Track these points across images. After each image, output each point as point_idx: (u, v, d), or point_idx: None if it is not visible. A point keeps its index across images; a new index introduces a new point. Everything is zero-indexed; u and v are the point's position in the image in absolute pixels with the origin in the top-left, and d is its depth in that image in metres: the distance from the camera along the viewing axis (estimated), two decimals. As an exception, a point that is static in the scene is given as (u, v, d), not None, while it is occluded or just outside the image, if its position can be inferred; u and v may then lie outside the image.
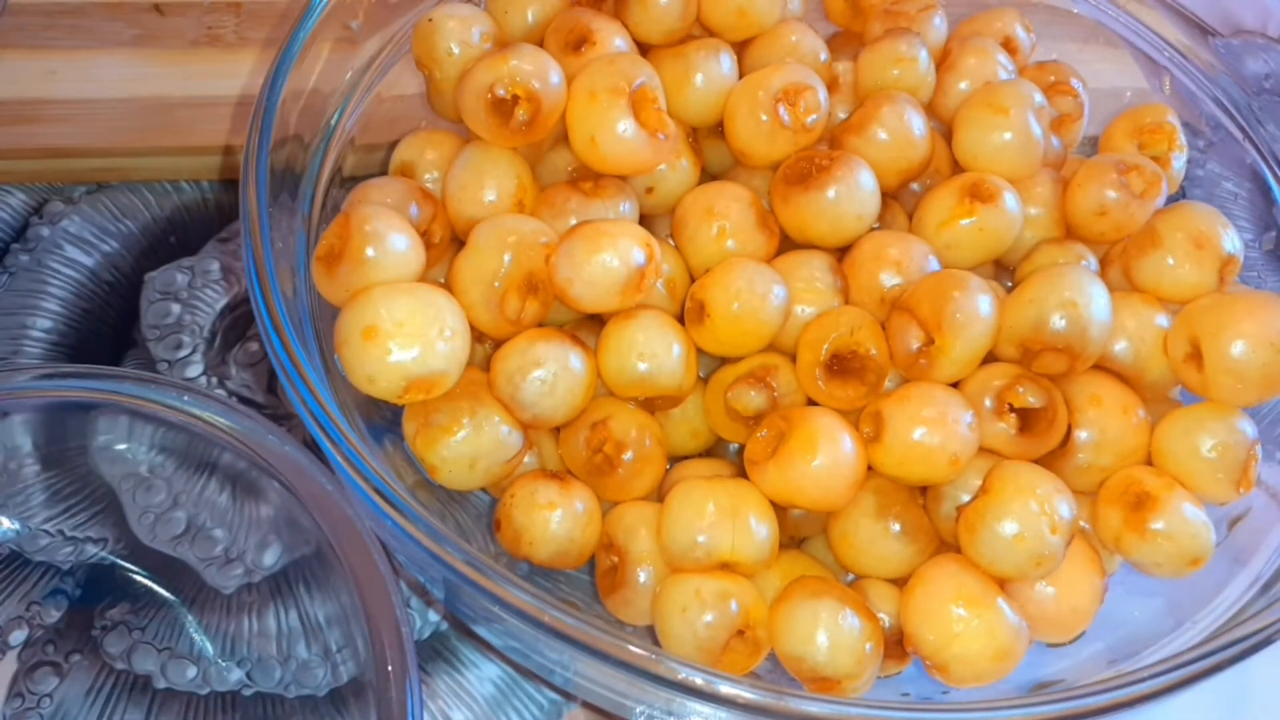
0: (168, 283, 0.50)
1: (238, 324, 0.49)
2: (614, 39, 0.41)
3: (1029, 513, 0.33)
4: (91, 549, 0.41)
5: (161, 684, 0.39)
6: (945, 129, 0.44)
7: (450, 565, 0.31)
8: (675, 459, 0.40)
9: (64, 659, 0.39)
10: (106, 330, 0.48)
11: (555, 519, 0.35)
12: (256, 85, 0.45)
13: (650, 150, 0.38)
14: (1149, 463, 0.37)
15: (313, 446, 0.35)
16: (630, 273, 0.36)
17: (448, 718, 0.40)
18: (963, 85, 0.43)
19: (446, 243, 0.40)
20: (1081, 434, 0.36)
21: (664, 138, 0.38)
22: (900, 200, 0.43)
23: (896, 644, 0.35)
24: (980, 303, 0.36)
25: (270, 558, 0.41)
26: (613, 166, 0.39)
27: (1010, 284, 0.42)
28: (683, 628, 0.34)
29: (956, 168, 0.42)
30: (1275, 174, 0.47)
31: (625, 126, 0.38)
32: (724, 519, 0.34)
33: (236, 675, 0.39)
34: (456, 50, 0.41)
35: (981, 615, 0.33)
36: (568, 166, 0.41)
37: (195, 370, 0.47)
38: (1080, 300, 0.35)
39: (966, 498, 0.35)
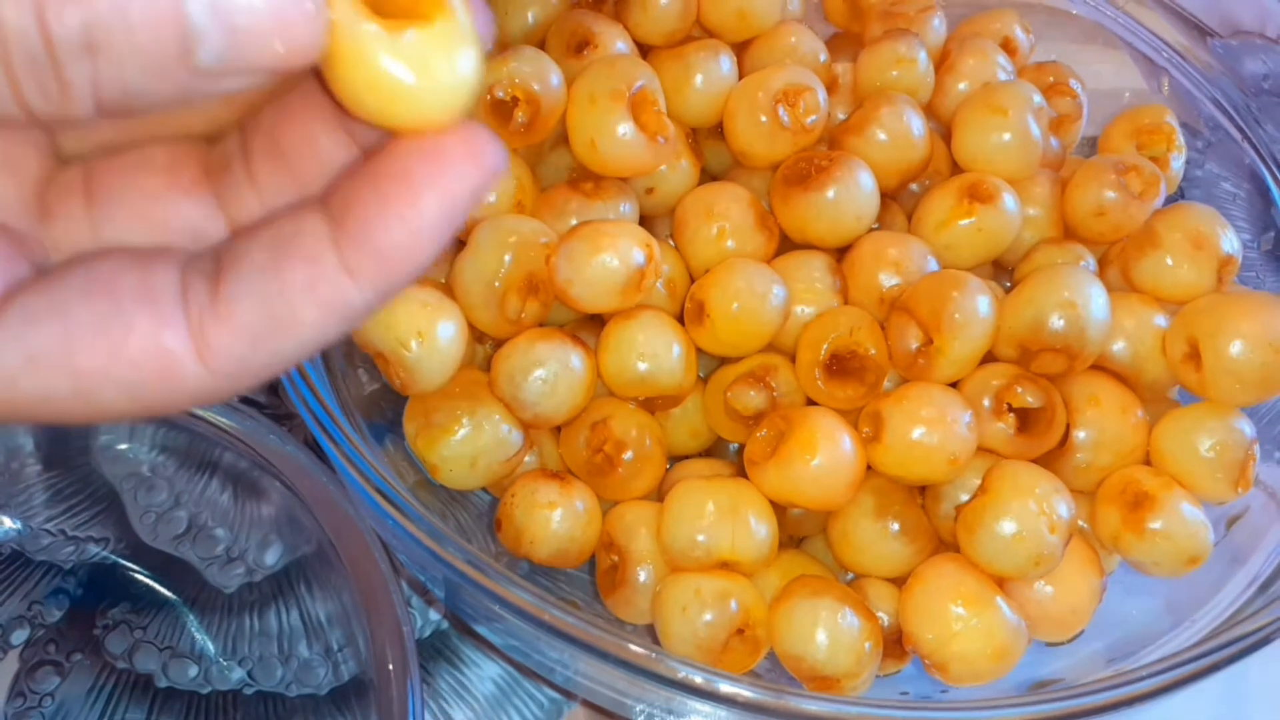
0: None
1: (239, 324, 0.49)
2: (615, 42, 0.41)
3: (1028, 512, 0.33)
4: (93, 548, 0.41)
5: (163, 683, 0.39)
6: (944, 130, 0.44)
7: (451, 564, 0.31)
8: (675, 459, 0.40)
9: (66, 658, 0.39)
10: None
11: (555, 518, 0.36)
12: (258, 86, 0.45)
13: (650, 153, 0.38)
14: (1147, 462, 0.37)
15: (313, 446, 0.35)
16: (630, 273, 0.36)
17: (448, 716, 0.40)
18: (962, 86, 0.44)
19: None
20: (1080, 434, 0.36)
21: (663, 140, 0.38)
22: (899, 201, 0.43)
23: (896, 643, 0.35)
24: (979, 303, 0.36)
25: (271, 557, 0.41)
26: (613, 169, 0.39)
27: (1009, 284, 0.42)
28: (683, 627, 0.34)
29: (955, 168, 0.42)
30: (1274, 174, 0.47)
31: (625, 130, 0.38)
32: (724, 519, 0.34)
33: (238, 674, 0.39)
34: (457, 51, 0.41)
35: (980, 614, 0.33)
36: (568, 167, 0.42)
37: (196, 370, 0.47)
38: (1079, 300, 0.35)
39: (965, 497, 0.36)
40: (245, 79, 0.17)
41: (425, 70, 0.17)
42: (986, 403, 0.36)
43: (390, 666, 0.33)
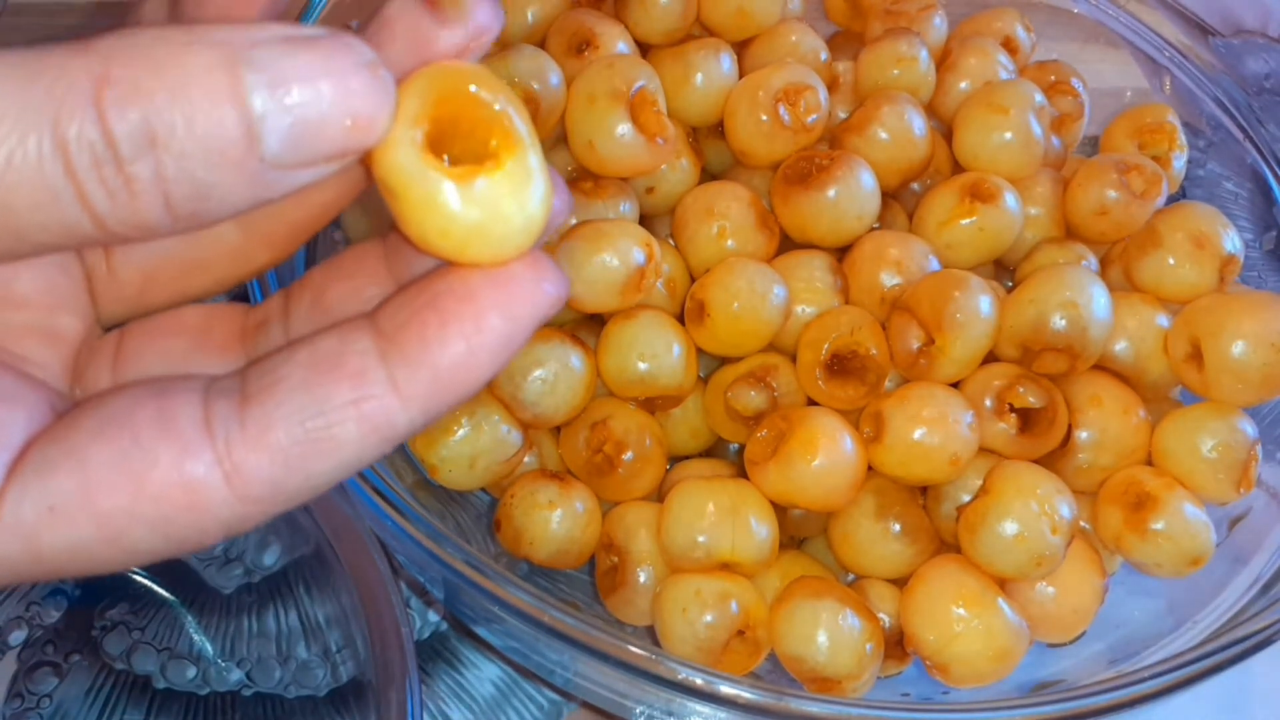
0: (167, 283, 0.49)
1: (237, 324, 0.49)
2: (616, 42, 0.41)
3: (1029, 513, 0.33)
4: (91, 549, 0.41)
5: (161, 684, 0.39)
6: (945, 129, 0.44)
7: (450, 565, 0.31)
8: (675, 459, 0.40)
9: (64, 659, 0.39)
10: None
11: (555, 519, 0.35)
12: (256, 85, 0.45)
13: (649, 154, 0.38)
14: (1149, 463, 0.37)
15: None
16: (630, 273, 0.36)
17: (447, 718, 0.40)
18: (963, 85, 0.43)
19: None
20: (1082, 434, 0.36)
21: (662, 141, 0.38)
22: (900, 200, 0.43)
23: (897, 644, 0.35)
24: (980, 303, 0.36)
25: (270, 558, 0.40)
26: (611, 170, 0.39)
27: (1010, 284, 0.42)
28: (683, 628, 0.34)
29: (957, 168, 0.42)
30: (1275, 174, 0.47)
31: (624, 131, 0.38)
32: (724, 519, 0.34)
33: (236, 675, 0.39)
34: (456, 50, 0.41)
35: (982, 615, 0.33)
36: (567, 166, 0.41)
37: (195, 370, 0.47)
38: (1081, 300, 0.35)
39: (967, 498, 0.35)
40: (316, 166, 0.16)
41: (497, 215, 0.17)
42: (988, 403, 0.36)
43: (389, 668, 0.33)
